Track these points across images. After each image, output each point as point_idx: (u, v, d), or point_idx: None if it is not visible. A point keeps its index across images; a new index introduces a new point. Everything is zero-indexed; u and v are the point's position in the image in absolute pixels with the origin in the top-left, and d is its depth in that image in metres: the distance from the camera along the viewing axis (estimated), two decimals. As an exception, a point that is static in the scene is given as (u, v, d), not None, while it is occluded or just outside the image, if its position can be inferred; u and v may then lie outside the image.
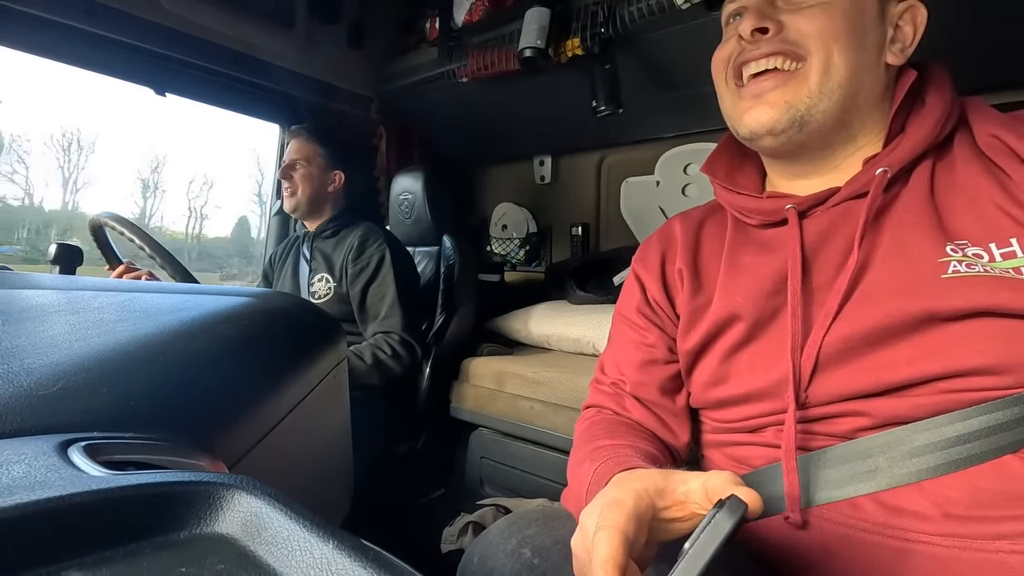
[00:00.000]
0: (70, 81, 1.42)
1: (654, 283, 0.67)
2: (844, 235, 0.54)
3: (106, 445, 0.32)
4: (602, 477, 0.48)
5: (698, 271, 0.65)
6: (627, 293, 0.72)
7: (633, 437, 0.59)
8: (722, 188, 0.66)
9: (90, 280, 0.73)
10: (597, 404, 0.69)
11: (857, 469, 0.48)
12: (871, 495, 0.48)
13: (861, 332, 0.49)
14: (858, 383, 0.49)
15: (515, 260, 2.17)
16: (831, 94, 0.53)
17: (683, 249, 0.66)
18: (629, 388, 0.66)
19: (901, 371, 0.48)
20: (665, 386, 0.65)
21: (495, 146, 2.11)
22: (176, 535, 0.24)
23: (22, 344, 0.41)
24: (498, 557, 0.49)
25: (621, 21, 1.21)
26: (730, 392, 0.58)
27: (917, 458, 0.46)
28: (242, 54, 1.53)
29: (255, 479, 0.27)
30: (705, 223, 0.69)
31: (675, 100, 1.51)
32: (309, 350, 0.64)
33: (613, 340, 0.72)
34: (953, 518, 0.44)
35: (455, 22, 1.56)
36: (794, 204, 0.58)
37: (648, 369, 0.66)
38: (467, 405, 1.57)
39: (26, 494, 0.22)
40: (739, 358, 0.58)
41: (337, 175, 1.54)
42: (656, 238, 0.72)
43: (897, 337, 0.48)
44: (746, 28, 0.56)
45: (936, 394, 0.47)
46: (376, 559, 0.22)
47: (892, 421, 0.48)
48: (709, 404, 0.62)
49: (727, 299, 0.59)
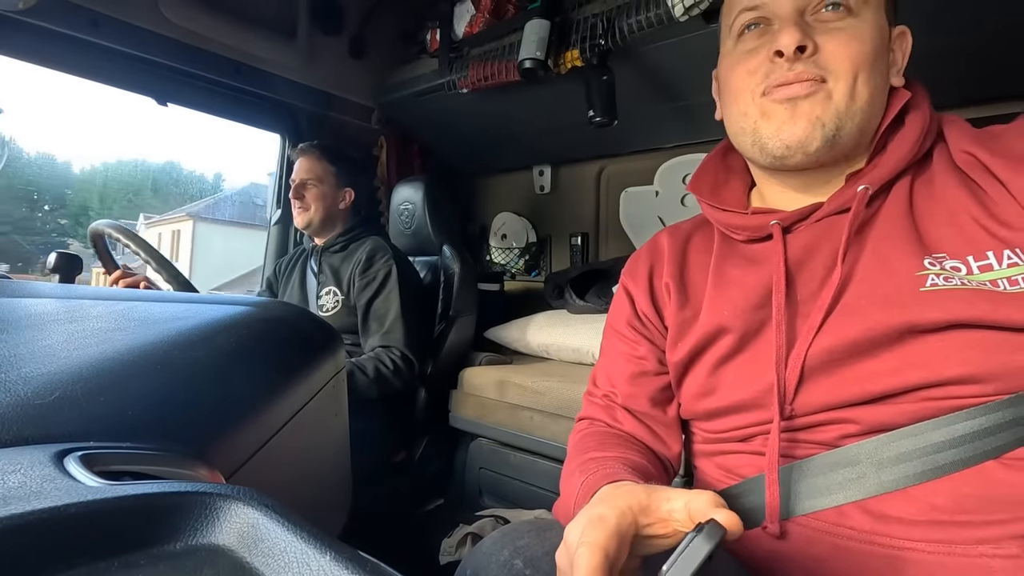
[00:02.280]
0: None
1: (642, 296, 0.68)
2: (827, 250, 0.55)
3: (102, 455, 0.32)
4: (589, 490, 0.49)
5: (685, 284, 0.65)
6: (617, 306, 0.73)
7: (623, 449, 0.60)
8: (708, 206, 0.67)
9: (89, 289, 0.73)
10: (590, 416, 0.70)
11: (843, 476, 0.49)
12: (857, 503, 0.48)
13: (844, 344, 0.50)
14: (842, 393, 0.50)
15: (515, 269, 2.17)
16: (854, 116, 0.54)
17: (670, 263, 0.67)
18: (620, 400, 0.67)
19: (884, 381, 0.48)
20: (656, 397, 0.66)
21: (495, 156, 2.12)
22: (172, 546, 0.24)
23: (20, 353, 0.41)
24: (490, 568, 0.49)
25: (620, 33, 1.22)
26: (718, 403, 0.59)
27: (903, 464, 0.47)
28: (244, 64, 1.54)
29: (252, 490, 0.27)
30: (692, 237, 0.70)
31: (674, 111, 1.52)
32: (308, 359, 0.64)
33: (604, 353, 0.73)
34: (938, 524, 0.45)
35: (456, 33, 1.57)
36: (778, 220, 0.58)
37: (639, 381, 0.67)
38: (466, 415, 1.56)
39: (21, 504, 0.22)
40: (727, 370, 0.58)
41: (348, 193, 1.57)
42: (644, 251, 0.73)
43: (879, 348, 0.49)
44: (789, 43, 0.53)
45: (919, 402, 0.47)
46: (374, 571, 0.22)
47: (877, 428, 0.49)
48: (699, 415, 0.63)
49: (714, 312, 0.59)
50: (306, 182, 1.52)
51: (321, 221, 1.53)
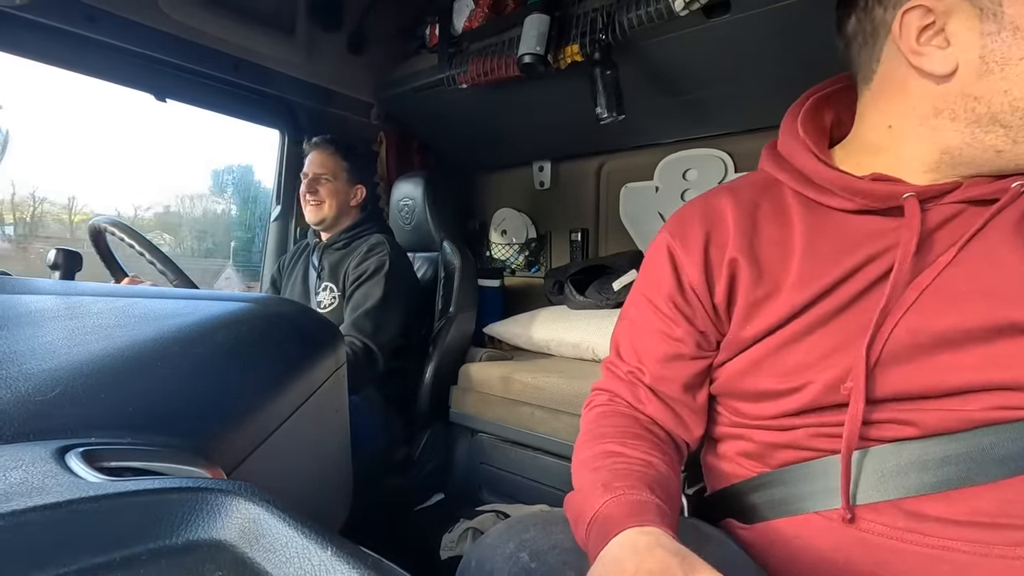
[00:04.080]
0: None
1: (694, 269, 0.61)
2: (952, 236, 0.51)
3: (103, 451, 0.32)
4: (611, 523, 0.45)
5: (758, 259, 0.59)
6: (655, 272, 0.65)
7: (646, 447, 0.56)
8: (816, 161, 0.58)
9: (89, 285, 0.73)
10: (610, 390, 0.65)
11: (890, 472, 0.48)
12: (893, 501, 0.47)
13: (932, 330, 0.48)
14: (917, 383, 0.48)
15: (515, 265, 2.17)
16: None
17: (738, 235, 0.60)
18: (648, 380, 0.62)
19: (963, 376, 0.46)
20: (689, 383, 0.62)
21: (495, 152, 2.11)
22: (173, 542, 0.24)
23: (20, 349, 0.41)
24: (495, 560, 0.49)
25: (620, 28, 1.22)
26: (772, 386, 0.56)
27: (949, 467, 0.46)
28: (242, 60, 1.53)
29: (253, 485, 0.27)
30: (760, 205, 0.62)
31: (674, 106, 1.52)
32: (308, 355, 0.64)
33: (633, 322, 0.67)
34: (978, 525, 0.44)
35: (455, 28, 1.56)
36: (914, 193, 0.52)
37: (672, 365, 0.62)
38: (467, 410, 1.56)
39: (23, 500, 0.22)
40: (794, 351, 0.55)
41: (359, 189, 1.58)
42: (699, 214, 0.64)
43: (969, 341, 0.47)
44: None
45: (989, 410, 0.46)
46: (375, 566, 0.22)
47: (937, 430, 0.48)
48: (739, 394, 0.60)
49: (800, 291, 0.55)
50: (320, 177, 1.52)
51: (334, 217, 1.54)
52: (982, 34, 0.47)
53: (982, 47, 0.47)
